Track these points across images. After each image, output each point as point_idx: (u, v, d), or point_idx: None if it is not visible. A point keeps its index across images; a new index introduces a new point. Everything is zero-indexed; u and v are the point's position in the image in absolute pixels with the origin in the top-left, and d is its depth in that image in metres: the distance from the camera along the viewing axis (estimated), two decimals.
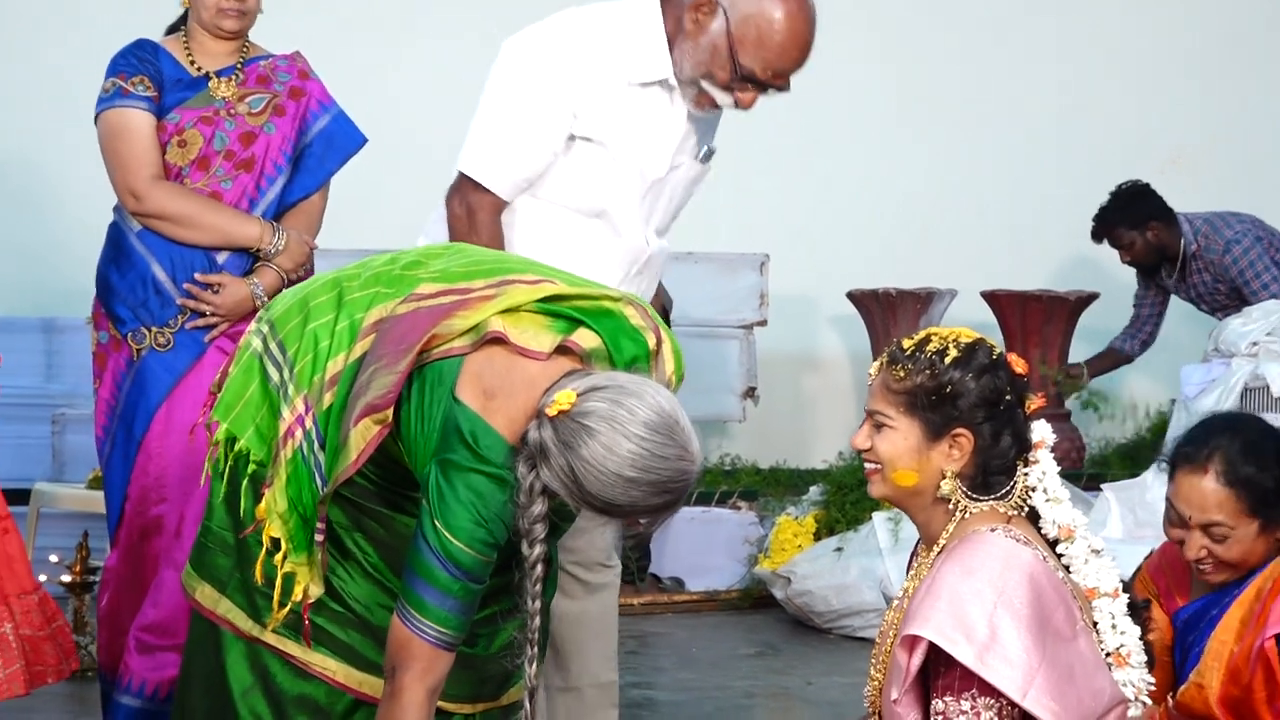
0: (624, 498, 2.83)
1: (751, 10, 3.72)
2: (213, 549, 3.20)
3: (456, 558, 2.87)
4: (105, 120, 4.24)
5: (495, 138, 3.78)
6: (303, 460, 3.05)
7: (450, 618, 2.90)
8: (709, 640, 6.41)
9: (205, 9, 4.26)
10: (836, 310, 8.18)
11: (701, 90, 3.79)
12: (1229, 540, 3.24)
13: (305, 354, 3.08)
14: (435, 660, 2.91)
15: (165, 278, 4.21)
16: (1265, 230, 7.40)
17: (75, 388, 6.70)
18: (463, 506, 2.86)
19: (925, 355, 2.91)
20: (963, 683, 2.75)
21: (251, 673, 3.15)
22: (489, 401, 2.91)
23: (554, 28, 3.83)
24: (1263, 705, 3.18)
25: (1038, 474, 2.96)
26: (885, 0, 8.61)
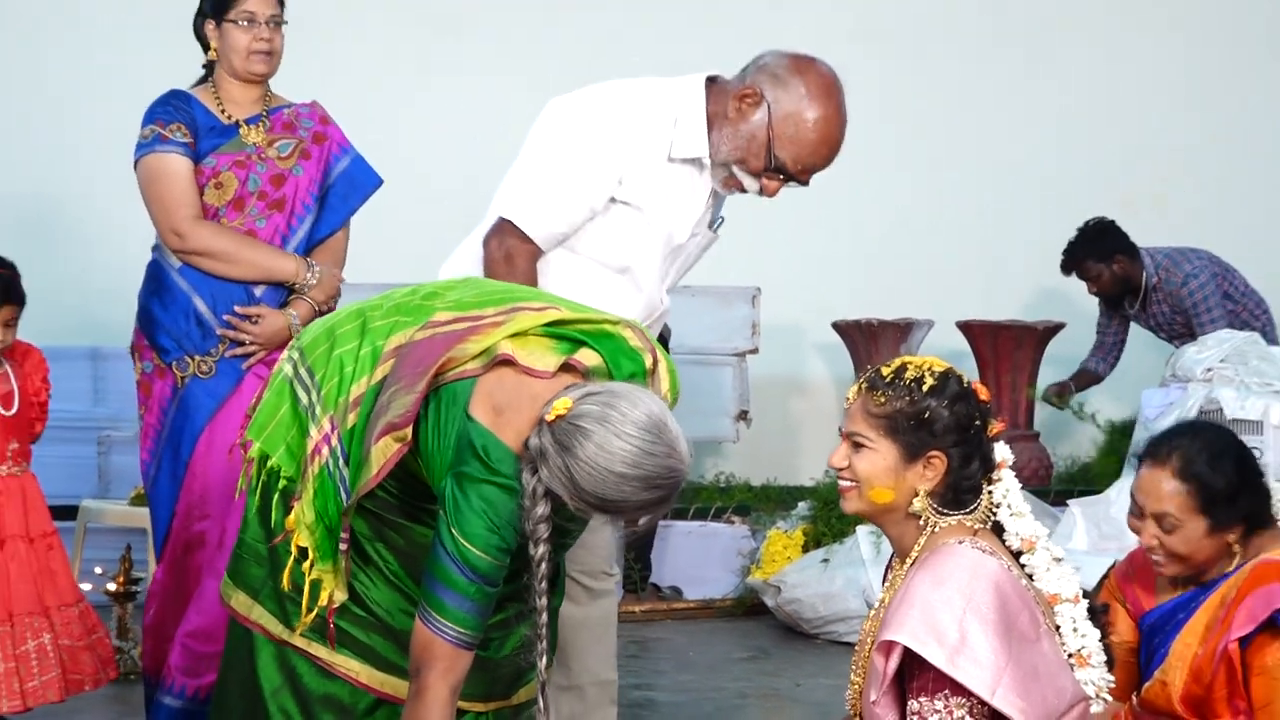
0: (617, 493, 2.84)
1: (793, 109, 3.73)
2: (247, 559, 3.23)
3: (473, 563, 2.90)
4: (146, 165, 4.26)
5: (543, 191, 3.75)
6: (328, 475, 3.07)
7: (468, 618, 2.93)
8: (705, 645, 6.39)
9: (236, 55, 4.28)
10: (822, 339, 8.18)
11: (732, 174, 3.79)
12: (1177, 533, 3.23)
13: (331, 378, 3.11)
14: (456, 659, 2.94)
15: (206, 310, 4.23)
16: (1221, 267, 7.42)
17: (120, 411, 6.70)
18: (477, 515, 2.89)
19: (904, 382, 2.92)
20: (936, 684, 2.76)
21: (280, 673, 3.17)
22: (498, 417, 2.94)
23: (607, 97, 3.81)
24: (1222, 703, 3.19)
25: (1001, 491, 2.97)
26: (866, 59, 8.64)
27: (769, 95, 3.75)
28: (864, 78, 8.50)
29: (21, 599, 4.42)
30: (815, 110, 3.75)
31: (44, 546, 4.51)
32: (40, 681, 4.40)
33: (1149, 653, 3.33)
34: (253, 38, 4.28)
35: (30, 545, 4.47)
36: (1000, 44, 8.78)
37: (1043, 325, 7.69)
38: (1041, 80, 8.78)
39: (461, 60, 8.05)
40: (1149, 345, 7.80)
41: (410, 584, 3.13)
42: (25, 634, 4.41)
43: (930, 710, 2.78)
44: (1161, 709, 3.28)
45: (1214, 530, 3.24)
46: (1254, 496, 3.29)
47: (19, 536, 4.47)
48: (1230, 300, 7.36)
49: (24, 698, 4.38)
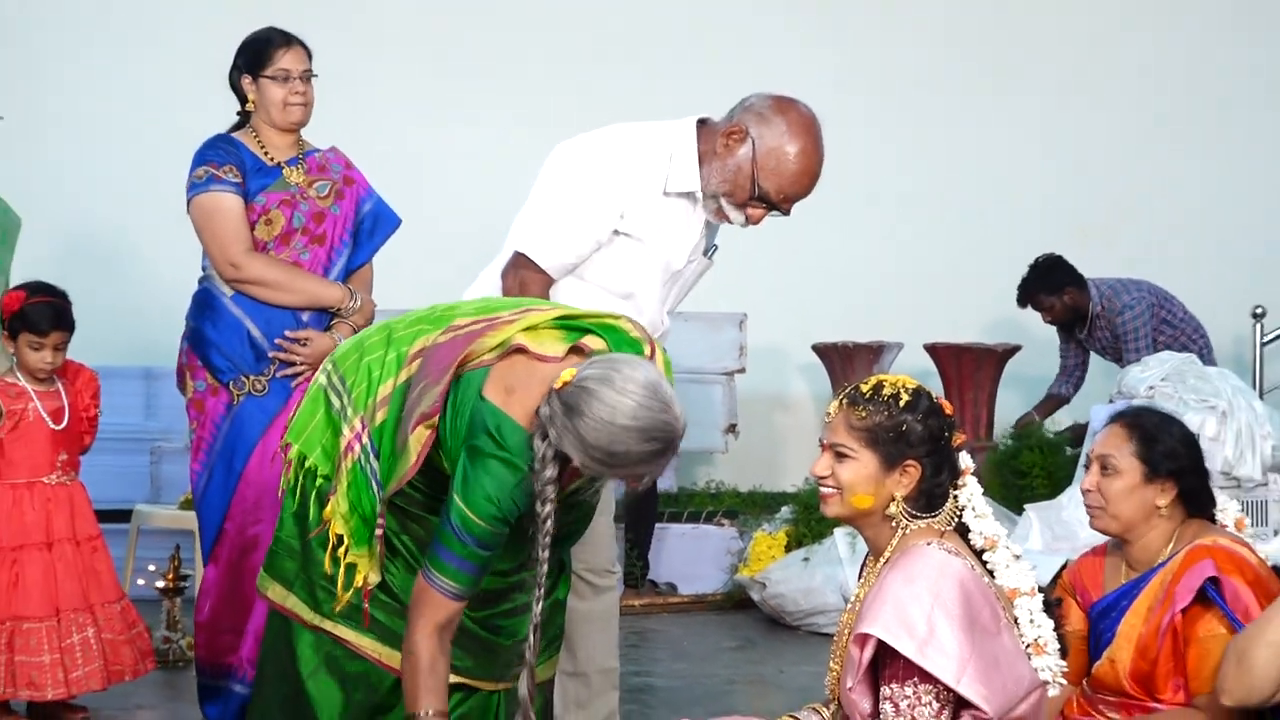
0: (620, 445, 2.85)
1: (774, 144, 3.75)
2: (282, 554, 3.26)
3: (471, 529, 2.93)
4: (201, 203, 4.27)
5: (552, 226, 3.77)
6: (360, 469, 3.10)
7: (461, 575, 2.96)
8: (698, 636, 6.38)
9: (274, 108, 4.30)
10: (803, 360, 8.18)
11: (720, 207, 3.81)
12: (1114, 478, 3.28)
13: (361, 382, 3.15)
14: (445, 607, 2.97)
15: (260, 335, 4.25)
16: (1159, 297, 7.40)
17: (170, 425, 6.70)
18: (480, 486, 2.92)
19: (883, 398, 2.92)
20: (906, 672, 2.75)
21: (317, 656, 3.20)
22: (509, 396, 2.97)
23: (608, 139, 3.83)
24: (1166, 678, 3.21)
25: (966, 495, 2.96)
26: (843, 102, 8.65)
27: (753, 132, 3.76)
28: (841, 120, 8.56)
29: (68, 596, 4.44)
30: (795, 144, 3.76)
31: (89, 549, 4.52)
32: (84, 672, 4.41)
33: (1097, 637, 3.35)
34: (289, 91, 4.30)
35: (77, 547, 4.49)
36: (967, 90, 8.77)
37: (1001, 347, 7.68)
38: (1002, 124, 8.78)
39: (477, 107, 8.07)
40: (1096, 366, 7.78)
41: None
42: (71, 629, 4.42)
43: (901, 696, 2.77)
44: (1111, 686, 3.29)
45: (1148, 479, 3.27)
46: (1193, 472, 3.32)
47: (67, 539, 4.48)
48: (1169, 326, 7.36)
49: (69, 686, 4.40)
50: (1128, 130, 8.85)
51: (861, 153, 8.59)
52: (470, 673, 3.18)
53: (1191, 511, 3.33)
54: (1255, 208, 8.82)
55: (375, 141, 7.20)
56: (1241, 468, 6.06)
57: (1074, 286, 7.37)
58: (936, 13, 8.85)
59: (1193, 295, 7.64)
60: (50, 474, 4.50)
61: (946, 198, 8.71)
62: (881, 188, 8.62)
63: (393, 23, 8.40)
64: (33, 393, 4.50)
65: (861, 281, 8.51)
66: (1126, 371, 6.39)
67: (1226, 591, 3.17)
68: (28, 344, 4.44)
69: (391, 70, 8.24)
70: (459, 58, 8.32)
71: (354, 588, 3.13)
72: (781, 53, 8.38)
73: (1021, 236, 8.54)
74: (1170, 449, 3.29)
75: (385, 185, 4.59)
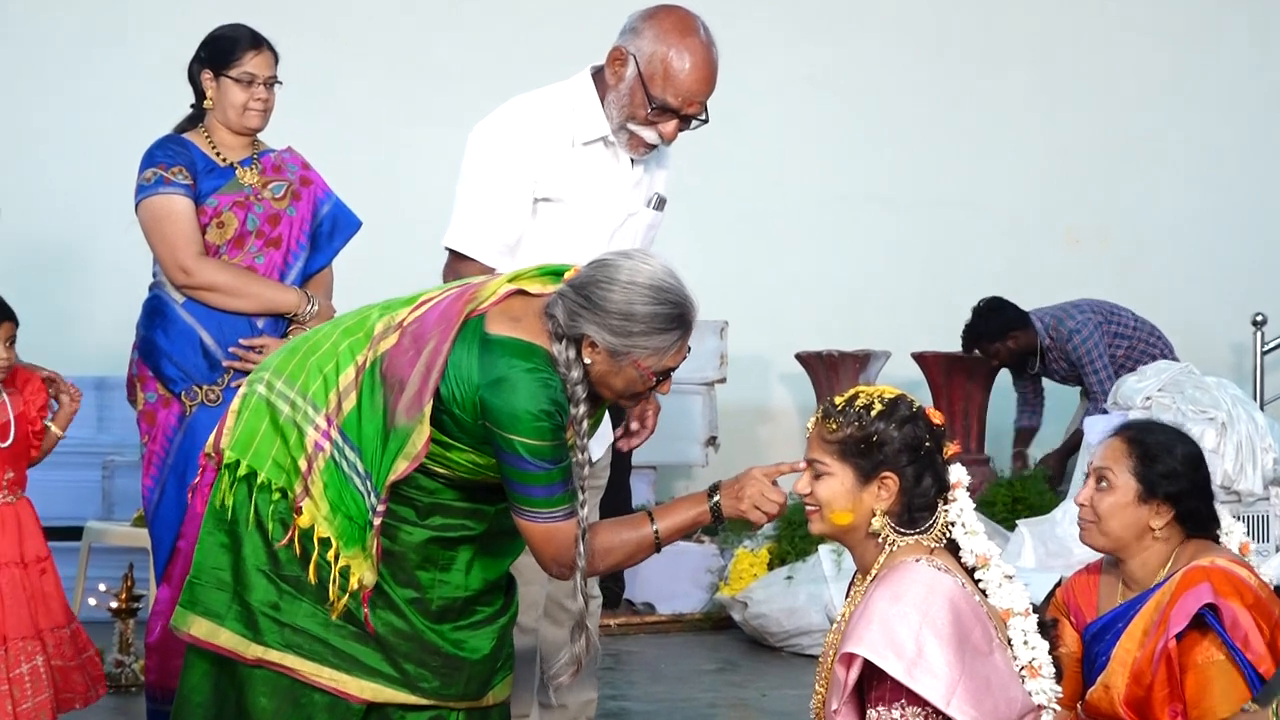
0: (642, 307, 2.96)
1: (653, 49, 3.74)
2: (205, 586, 3.14)
3: (532, 450, 2.96)
4: (150, 206, 4.23)
5: (474, 213, 3.79)
6: (335, 466, 3.07)
7: (557, 497, 3.01)
8: (676, 657, 6.38)
9: (233, 110, 4.27)
10: (786, 369, 8.18)
11: (631, 133, 3.80)
12: (1109, 493, 3.27)
13: (314, 380, 3.11)
14: (565, 531, 3.03)
15: (213, 343, 4.21)
16: (1103, 314, 7.42)
17: (123, 438, 6.67)
18: (518, 408, 2.95)
19: (854, 409, 2.94)
20: (893, 693, 2.76)
21: (277, 696, 3.09)
22: (516, 324, 3.03)
23: (506, 111, 3.85)
24: (1161, 704, 3.20)
25: (956, 510, 2.97)
26: (823, 104, 8.68)
27: (631, 48, 3.77)
28: (820, 122, 8.64)
29: (15, 623, 4.33)
30: (674, 43, 3.74)
31: (38, 571, 4.43)
32: (34, 703, 4.34)
33: (1091, 660, 3.34)
34: (250, 96, 4.28)
35: (24, 570, 4.40)
36: (953, 95, 8.81)
37: None
38: (992, 128, 8.81)
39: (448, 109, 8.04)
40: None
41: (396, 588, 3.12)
42: (19, 657, 4.33)
43: (888, 718, 2.77)
44: (1105, 713, 3.28)
45: (1141, 499, 3.26)
46: (1194, 494, 3.30)
47: (13, 562, 4.38)
48: (1122, 339, 7.40)
49: (17, 719, 4.31)
50: (1119, 135, 8.88)
51: (846, 158, 8.64)
52: (437, 693, 3.13)
53: (1191, 532, 3.31)
54: (1253, 213, 8.86)
55: (345, 144, 7.20)
56: (1242, 481, 6.05)
57: (1018, 329, 7.43)
58: (923, 17, 8.87)
59: (1189, 302, 7.68)
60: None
61: (934, 204, 8.74)
62: (867, 193, 8.65)
63: (363, 25, 8.40)
64: None
65: (847, 288, 8.53)
66: (1123, 381, 6.39)
67: (1225, 617, 3.16)
68: None
69: (362, 73, 8.24)
70: (430, 60, 8.33)
71: (349, 592, 3.06)
72: (762, 58, 8.37)
73: (1014, 242, 8.58)
74: (1170, 470, 3.27)
75: (355, 189, 4.57)
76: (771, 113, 8.52)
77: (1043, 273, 8.07)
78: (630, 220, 3.91)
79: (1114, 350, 7.36)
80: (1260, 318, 7.77)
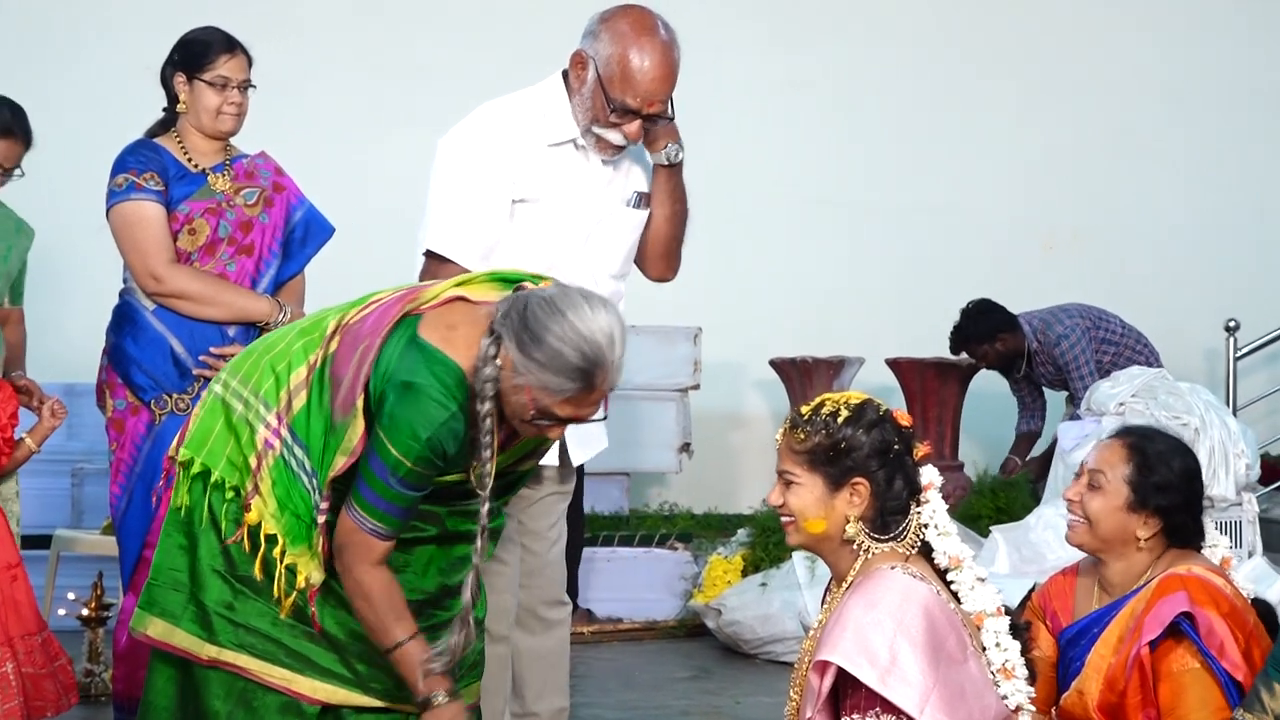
0: (554, 343, 2.91)
1: (610, 51, 3.74)
2: (163, 587, 3.17)
3: (395, 468, 2.94)
4: (120, 212, 4.22)
5: (453, 216, 3.78)
6: (284, 464, 3.08)
7: (386, 517, 2.98)
8: (650, 665, 6.37)
9: (206, 113, 4.26)
10: (760, 376, 8.17)
11: (597, 136, 3.81)
12: (1099, 495, 3.28)
13: (267, 379, 3.13)
14: (373, 546, 3.00)
15: (183, 351, 4.20)
16: (1092, 319, 7.45)
17: (93, 445, 6.63)
18: (406, 424, 2.94)
19: (821, 418, 2.93)
20: (867, 701, 2.75)
21: (230, 697, 3.11)
22: (449, 333, 3.00)
23: (479, 115, 3.86)
24: (1135, 710, 3.21)
25: (929, 512, 2.96)
26: (798, 110, 8.69)
27: (590, 51, 3.78)
28: (797, 127, 8.64)
29: None
30: (630, 44, 3.75)
31: (8, 578, 4.41)
32: (3, 710, 4.32)
33: (1066, 665, 3.35)
34: (224, 100, 4.26)
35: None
36: (930, 100, 8.82)
37: (966, 363, 7.70)
38: (967, 134, 8.82)
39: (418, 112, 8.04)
40: None
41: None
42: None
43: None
44: (1079, 718, 3.29)
45: (1131, 508, 3.27)
46: (1183, 509, 3.30)
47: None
48: (1109, 345, 7.42)
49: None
50: (1096, 142, 8.90)
51: (821, 163, 8.65)
52: (389, 694, 3.14)
53: (1174, 544, 3.32)
54: (1227, 220, 8.89)
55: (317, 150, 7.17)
56: (1215, 487, 6.08)
57: (1006, 330, 7.45)
58: (898, 22, 8.88)
59: (1163, 308, 7.71)
60: None
61: (910, 209, 8.74)
62: (842, 198, 8.66)
63: (334, 28, 8.38)
64: None
65: (821, 294, 8.54)
66: (1096, 387, 6.42)
67: (1200, 625, 3.17)
68: None
69: (333, 75, 8.22)
70: (401, 64, 8.30)
71: (296, 591, 3.08)
72: (737, 57, 8.38)
73: (988, 248, 8.60)
74: (1165, 482, 3.27)
75: (320, 193, 4.55)
76: (748, 117, 8.53)
77: (1019, 278, 8.08)
78: (610, 221, 3.90)
79: (1100, 356, 7.38)
80: (1233, 324, 7.80)
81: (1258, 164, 8.91)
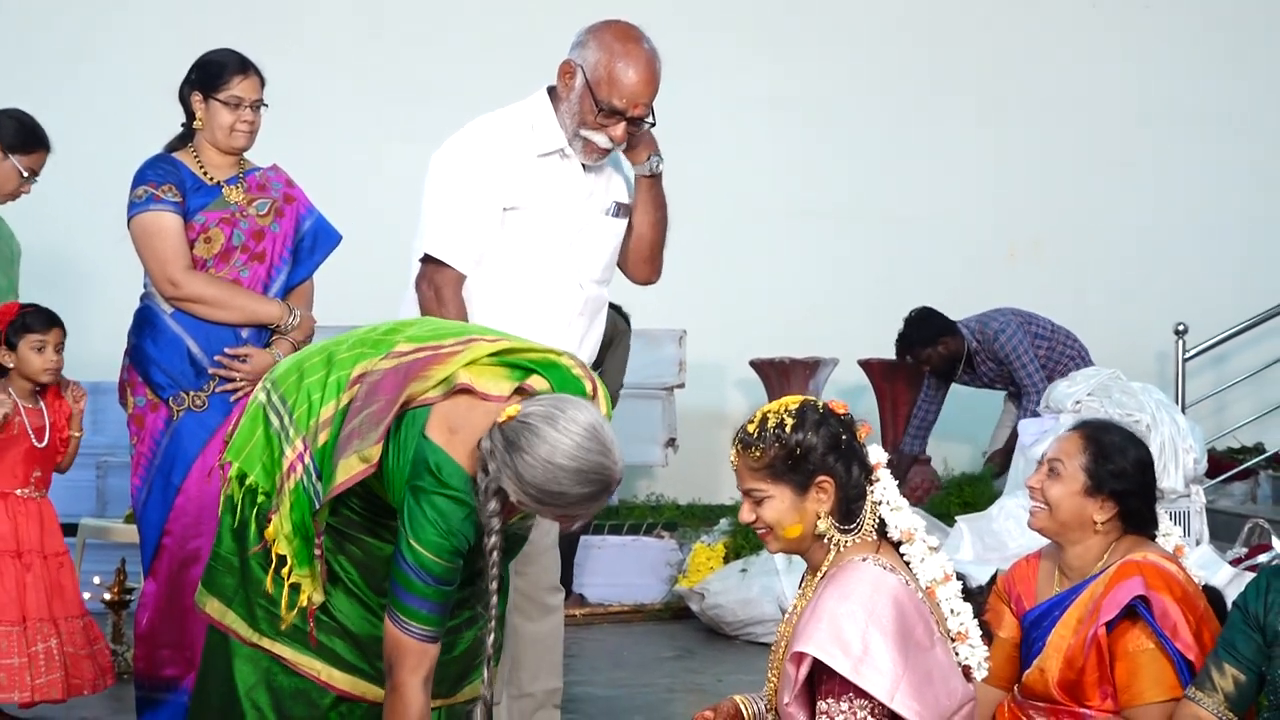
0: (556, 485, 2.83)
1: (597, 57, 3.77)
2: (220, 570, 3.19)
3: (428, 567, 2.89)
4: (141, 222, 4.21)
5: (448, 222, 3.78)
6: (304, 490, 3.05)
7: (430, 617, 2.92)
8: (637, 645, 6.36)
9: (220, 130, 4.25)
10: (741, 375, 8.17)
11: (584, 140, 3.81)
12: (1058, 482, 3.28)
13: (301, 404, 3.09)
14: (424, 653, 2.93)
15: (199, 352, 4.20)
16: (1022, 317, 7.40)
17: (116, 440, 6.58)
18: (430, 524, 2.88)
19: (770, 431, 2.88)
20: (841, 688, 2.74)
21: (255, 673, 3.13)
22: (452, 436, 2.93)
23: (471, 129, 3.88)
24: (1093, 687, 3.21)
25: (880, 490, 2.93)
26: (776, 122, 8.67)
27: (578, 59, 3.80)
28: (777, 140, 8.61)
29: (35, 605, 4.43)
30: (617, 50, 3.77)
31: (56, 564, 4.54)
32: (47, 680, 4.41)
33: (1029, 645, 3.34)
34: (237, 119, 4.26)
35: (44, 561, 4.50)
36: (901, 109, 8.79)
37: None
38: (936, 143, 8.80)
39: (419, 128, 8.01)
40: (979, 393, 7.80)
41: (369, 593, 3.11)
42: (36, 636, 4.42)
43: (836, 711, 2.77)
44: (1040, 694, 3.29)
45: (1087, 493, 3.27)
46: (1138, 495, 3.30)
47: (35, 551, 4.48)
48: (1042, 340, 7.39)
49: (33, 691, 4.38)
50: (1056, 152, 8.89)
51: (798, 170, 8.63)
52: None
53: (1130, 529, 3.32)
54: (1179, 228, 8.88)
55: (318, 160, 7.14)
56: (1164, 480, 6.07)
57: (947, 335, 7.39)
58: (871, 31, 8.87)
59: (1117, 312, 7.70)
60: (24, 487, 4.49)
61: (881, 216, 8.73)
62: (818, 206, 8.64)
63: (337, 43, 8.36)
64: (22, 407, 4.50)
65: (798, 298, 8.53)
66: (1054, 386, 6.41)
67: (1155, 608, 3.18)
68: (31, 346, 4.47)
69: (336, 89, 8.20)
70: (403, 84, 8.29)
71: (298, 607, 3.07)
72: (718, 70, 8.36)
73: (955, 254, 8.59)
74: (1120, 470, 3.28)
75: (328, 203, 4.53)
76: (730, 130, 8.51)
77: (985, 285, 8.06)
78: (592, 228, 3.90)
79: (1035, 350, 7.36)
80: (1182, 327, 7.80)
81: (1211, 182, 8.90)
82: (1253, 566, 5.37)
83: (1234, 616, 3.12)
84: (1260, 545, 5.77)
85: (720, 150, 8.35)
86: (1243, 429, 8.08)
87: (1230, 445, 8.09)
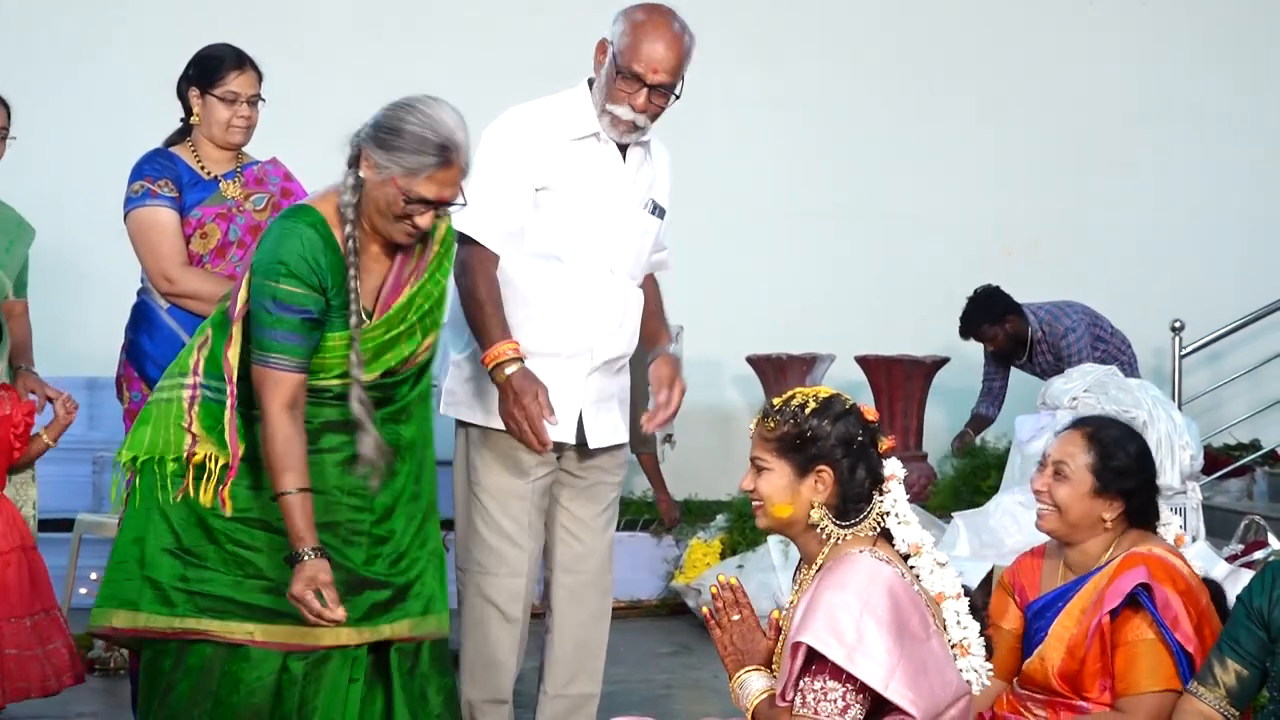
0: (411, 127, 3.18)
1: (624, 28, 3.83)
2: (118, 580, 3.24)
3: (273, 294, 3.10)
4: (137, 217, 4.21)
5: (478, 201, 3.77)
6: (208, 401, 3.21)
7: (284, 346, 3.12)
8: (634, 641, 6.36)
9: (217, 126, 4.25)
10: (738, 372, 8.17)
11: (611, 115, 3.85)
12: (1065, 483, 3.29)
13: (176, 363, 3.32)
14: (283, 381, 3.12)
15: None
16: (1091, 316, 7.43)
17: (112, 435, 6.61)
18: (270, 252, 3.14)
19: (790, 408, 2.92)
20: (833, 674, 2.74)
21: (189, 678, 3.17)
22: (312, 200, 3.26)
23: (508, 114, 3.95)
24: (1093, 677, 3.23)
25: (890, 501, 2.94)
26: (773, 122, 8.67)
27: (609, 35, 3.86)
28: (775, 139, 8.61)
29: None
30: (639, 22, 3.83)
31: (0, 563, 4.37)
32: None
33: (1031, 635, 3.36)
34: (234, 114, 4.26)
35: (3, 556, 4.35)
36: (897, 111, 8.80)
37: (930, 359, 7.70)
38: (932, 142, 8.80)
39: None
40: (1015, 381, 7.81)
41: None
42: None
43: (809, 690, 2.77)
44: (1039, 684, 3.31)
45: (1097, 493, 3.29)
46: (1143, 490, 3.33)
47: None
48: (1102, 342, 7.42)
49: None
50: (1055, 151, 8.89)
51: (797, 170, 8.63)
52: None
53: (1134, 523, 3.34)
54: (1177, 227, 8.89)
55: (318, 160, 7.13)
56: (1161, 476, 6.03)
57: (1014, 314, 7.40)
58: (868, 32, 8.87)
59: (1115, 309, 7.70)
60: None
61: (879, 213, 8.72)
62: (816, 203, 8.64)
63: (336, 43, 8.36)
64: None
65: (795, 295, 8.53)
66: (1050, 383, 6.40)
67: (1157, 598, 3.19)
68: None
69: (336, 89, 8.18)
70: (399, 81, 8.20)
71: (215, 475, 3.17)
72: (715, 70, 8.34)
73: (951, 252, 8.59)
74: (1125, 466, 3.30)
75: None
76: (730, 130, 8.50)
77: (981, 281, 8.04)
78: (627, 221, 3.94)
79: (1094, 352, 7.37)
80: (1178, 324, 7.80)
81: (1210, 182, 8.90)
82: (1249, 563, 5.38)
83: (1237, 611, 3.13)
84: (1256, 542, 5.78)
85: (719, 149, 8.35)
86: (1239, 426, 8.08)
87: (1226, 442, 8.09)
